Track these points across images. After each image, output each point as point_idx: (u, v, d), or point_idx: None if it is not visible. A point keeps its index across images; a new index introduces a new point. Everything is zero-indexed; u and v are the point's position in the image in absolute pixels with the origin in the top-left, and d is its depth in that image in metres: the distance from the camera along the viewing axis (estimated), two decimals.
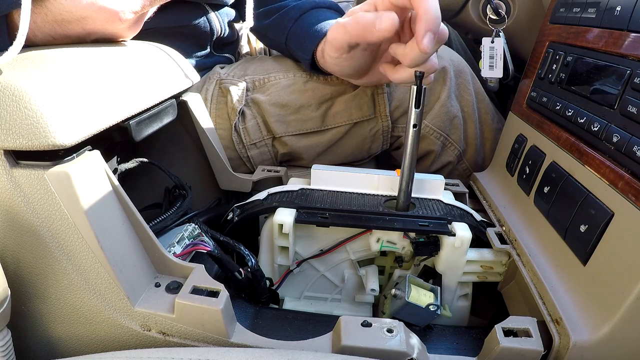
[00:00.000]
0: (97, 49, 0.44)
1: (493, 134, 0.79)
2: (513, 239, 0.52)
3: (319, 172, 0.58)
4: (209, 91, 0.73)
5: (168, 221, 0.49)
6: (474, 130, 0.77)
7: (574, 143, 0.47)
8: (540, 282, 0.44)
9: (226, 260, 0.49)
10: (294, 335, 0.41)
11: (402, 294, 0.48)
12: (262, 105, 0.71)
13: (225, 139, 0.72)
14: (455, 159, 0.77)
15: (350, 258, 0.56)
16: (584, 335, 0.37)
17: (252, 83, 0.73)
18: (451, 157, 0.77)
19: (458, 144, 0.76)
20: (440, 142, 0.75)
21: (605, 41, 0.47)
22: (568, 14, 0.56)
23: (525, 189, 0.55)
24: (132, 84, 0.44)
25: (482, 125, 0.78)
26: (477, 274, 0.54)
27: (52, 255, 0.37)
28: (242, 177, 0.64)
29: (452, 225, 0.51)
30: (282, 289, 0.57)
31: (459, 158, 0.77)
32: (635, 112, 0.39)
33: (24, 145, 0.33)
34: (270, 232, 0.54)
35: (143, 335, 0.39)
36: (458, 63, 0.75)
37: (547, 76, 0.57)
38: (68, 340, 0.41)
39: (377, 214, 0.53)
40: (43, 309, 0.40)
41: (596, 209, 0.41)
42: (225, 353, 0.34)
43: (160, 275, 0.42)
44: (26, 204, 0.35)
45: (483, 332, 0.45)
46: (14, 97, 0.32)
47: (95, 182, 0.37)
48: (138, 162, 0.53)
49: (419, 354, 0.38)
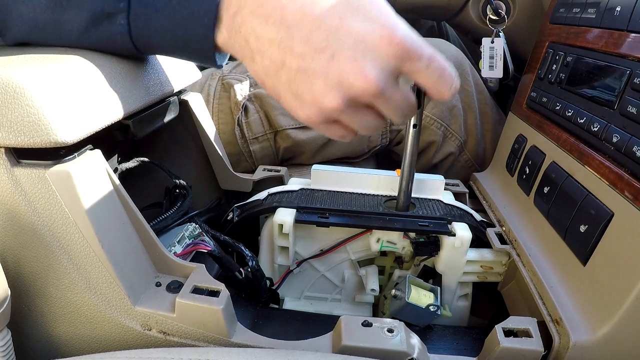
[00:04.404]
0: None
1: (493, 125, 0.80)
2: (513, 239, 0.52)
3: (319, 172, 0.58)
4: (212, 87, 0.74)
5: (169, 221, 0.49)
6: (474, 120, 0.77)
7: (574, 143, 0.47)
8: (540, 282, 0.44)
9: (226, 260, 0.49)
10: (295, 335, 0.41)
11: (402, 294, 0.48)
12: (265, 99, 0.71)
13: (227, 133, 0.72)
14: (457, 150, 0.78)
15: (350, 258, 0.56)
16: (584, 335, 0.37)
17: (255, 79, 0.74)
18: (453, 148, 0.77)
19: (459, 134, 0.77)
20: (441, 133, 0.76)
21: (605, 41, 0.47)
22: (568, 14, 0.56)
23: (525, 189, 0.55)
24: (134, 82, 0.44)
25: (482, 116, 0.79)
26: (477, 274, 0.54)
27: (52, 254, 0.37)
28: (243, 176, 0.64)
29: (452, 226, 0.51)
30: (282, 289, 0.57)
31: (461, 149, 0.78)
32: (635, 112, 0.39)
33: (25, 143, 0.33)
34: (270, 232, 0.54)
35: (144, 334, 0.39)
36: (457, 55, 0.76)
37: (547, 76, 0.57)
38: (68, 340, 0.41)
39: (377, 214, 0.53)
40: (43, 308, 0.40)
41: (596, 209, 0.41)
42: (226, 353, 0.34)
43: (161, 274, 0.42)
44: (27, 203, 0.35)
45: (483, 332, 0.45)
46: (15, 94, 0.32)
47: (96, 181, 0.37)
48: (139, 162, 0.53)
49: (419, 354, 0.38)
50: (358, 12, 0.34)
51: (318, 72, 0.35)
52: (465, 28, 0.87)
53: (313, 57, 0.35)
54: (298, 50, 0.35)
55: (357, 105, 0.37)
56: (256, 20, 0.35)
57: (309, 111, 0.37)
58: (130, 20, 0.39)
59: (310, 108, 0.37)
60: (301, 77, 0.36)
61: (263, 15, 0.35)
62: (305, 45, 0.35)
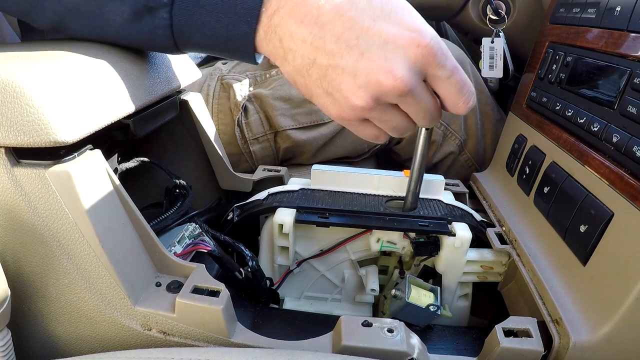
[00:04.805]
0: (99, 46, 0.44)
1: (493, 125, 0.80)
2: (513, 239, 0.52)
3: (319, 172, 0.58)
4: (211, 87, 0.74)
5: (169, 221, 0.49)
6: (474, 120, 0.77)
7: (574, 143, 0.47)
8: (540, 282, 0.44)
9: (227, 260, 0.49)
10: (295, 335, 0.41)
11: (402, 294, 0.48)
12: (265, 99, 0.71)
13: (227, 134, 0.72)
14: (457, 149, 0.78)
15: (351, 258, 0.56)
16: (584, 336, 0.37)
17: (254, 78, 0.74)
18: (452, 147, 0.78)
19: (459, 134, 0.77)
20: (440, 132, 0.76)
21: (605, 41, 0.47)
22: (568, 14, 0.56)
23: (525, 189, 0.56)
24: (134, 81, 0.44)
25: (483, 116, 0.79)
26: (477, 274, 0.54)
27: (52, 254, 0.37)
28: (243, 176, 0.64)
29: (452, 226, 0.51)
30: (282, 289, 0.57)
31: (460, 148, 0.78)
32: (635, 112, 0.39)
33: (25, 143, 0.33)
34: (270, 232, 0.54)
35: (144, 334, 0.39)
36: (458, 55, 0.76)
37: (547, 76, 0.57)
38: (68, 340, 0.41)
39: (377, 214, 0.53)
40: (43, 308, 0.40)
41: (596, 209, 0.41)
42: (226, 353, 0.34)
43: (161, 274, 0.42)
44: (27, 203, 0.35)
45: (483, 332, 0.45)
46: (15, 93, 0.32)
47: (96, 181, 0.37)
48: (139, 162, 0.53)
49: (419, 354, 0.38)
50: (390, 16, 0.36)
51: (347, 69, 0.36)
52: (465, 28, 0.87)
53: (343, 55, 0.36)
54: (329, 48, 0.36)
55: (386, 105, 0.38)
56: (292, 20, 0.36)
57: (340, 109, 0.38)
58: (172, 15, 0.39)
59: (341, 106, 0.38)
60: (331, 74, 0.37)
61: (300, 15, 0.36)
62: (336, 43, 0.36)
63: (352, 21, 0.35)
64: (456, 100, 0.39)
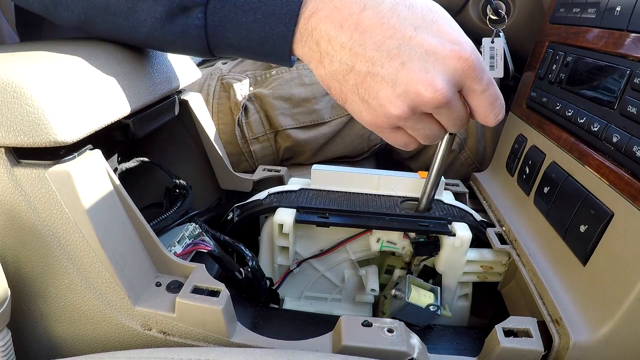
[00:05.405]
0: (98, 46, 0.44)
1: None
2: (513, 239, 0.52)
3: (319, 172, 0.58)
4: (211, 87, 0.74)
5: (169, 221, 0.49)
6: None
7: (573, 143, 0.47)
8: (540, 282, 0.44)
9: (226, 260, 0.49)
10: (295, 335, 0.41)
11: (402, 294, 0.48)
12: (265, 99, 0.71)
13: (227, 133, 0.72)
14: (457, 147, 0.78)
15: (351, 258, 0.56)
16: (584, 336, 0.37)
17: (254, 78, 0.74)
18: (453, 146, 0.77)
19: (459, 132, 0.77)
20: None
21: (605, 41, 0.47)
22: (568, 14, 0.56)
23: (525, 189, 0.55)
24: (134, 81, 0.44)
25: None
26: (477, 274, 0.54)
27: (52, 254, 0.37)
28: (243, 176, 0.64)
29: (452, 225, 0.51)
30: (282, 289, 0.57)
31: (461, 147, 0.78)
32: (635, 112, 0.39)
33: (25, 143, 0.33)
34: (270, 232, 0.54)
35: (144, 334, 0.39)
36: None
37: (547, 76, 0.57)
38: (68, 340, 0.41)
39: (377, 214, 0.53)
40: (43, 308, 0.40)
41: (596, 209, 0.41)
42: (226, 353, 0.34)
43: (161, 274, 0.42)
44: (27, 203, 0.35)
45: (483, 332, 0.45)
46: (15, 93, 0.32)
47: (96, 181, 0.37)
48: (139, 162, 0.53)
49: (419, 354, 0.38)
50: (432, 26, 0.36)
51: (386, 78, 0.36)
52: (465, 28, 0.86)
53: (383, 63, 0.36)
54: (369, 55, 0.36)
55: (421, 114, 0.38)
56: (331, 24, 0.36)
57: (374, 116, 0.38)
58: (207, 15, 0.38)
59: (376, 113, 0.38)
60: (369, 81, 0.36)
61: (339, 19, 0.36)
62: (377, 51, 0.35)
63: (394, 29, 0.35)
64: (488, 113, 0.39)
